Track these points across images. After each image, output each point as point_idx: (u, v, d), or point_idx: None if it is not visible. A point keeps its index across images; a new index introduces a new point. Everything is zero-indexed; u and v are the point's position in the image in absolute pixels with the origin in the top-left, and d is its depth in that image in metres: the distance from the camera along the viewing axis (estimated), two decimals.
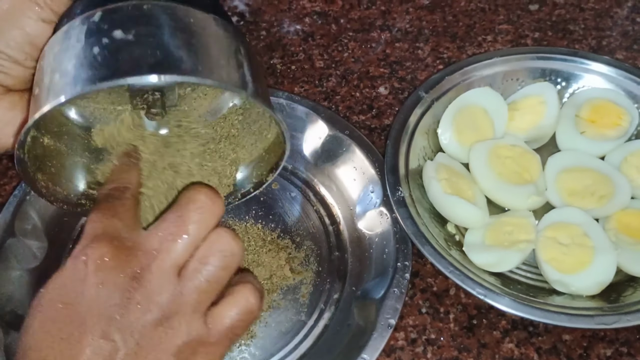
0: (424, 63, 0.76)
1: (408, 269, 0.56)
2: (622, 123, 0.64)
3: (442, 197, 0.59)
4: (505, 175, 0.61)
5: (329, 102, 0.73)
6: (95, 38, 0.34)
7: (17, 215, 0.61)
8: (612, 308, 0.52)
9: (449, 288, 0.58)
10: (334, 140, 0.66)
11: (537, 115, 0.66)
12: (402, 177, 0.60)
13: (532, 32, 0.79)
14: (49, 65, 0.36)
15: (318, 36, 0.81)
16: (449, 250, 0.57)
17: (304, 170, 0.68)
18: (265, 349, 0.55)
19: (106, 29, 0.35)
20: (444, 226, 0.61)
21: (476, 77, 0.69)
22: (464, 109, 0.66)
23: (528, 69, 0.69)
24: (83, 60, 0.34)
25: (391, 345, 0.54)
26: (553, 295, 0.56)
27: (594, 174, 0.61)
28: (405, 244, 0.58)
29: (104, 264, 0.34)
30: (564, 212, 0.59)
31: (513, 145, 0.63)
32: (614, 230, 0.58)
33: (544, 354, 0.54)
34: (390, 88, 0.74)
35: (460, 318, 0.56)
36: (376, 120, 0.71)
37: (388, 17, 0.82)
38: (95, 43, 0.34)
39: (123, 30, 0.34)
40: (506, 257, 0.56)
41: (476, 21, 0.81)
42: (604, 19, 0.80)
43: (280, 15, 0.83)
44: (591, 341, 0.54)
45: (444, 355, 0.54)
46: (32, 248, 0.60)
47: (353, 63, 0.77)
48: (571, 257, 0.56)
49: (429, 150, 0.66)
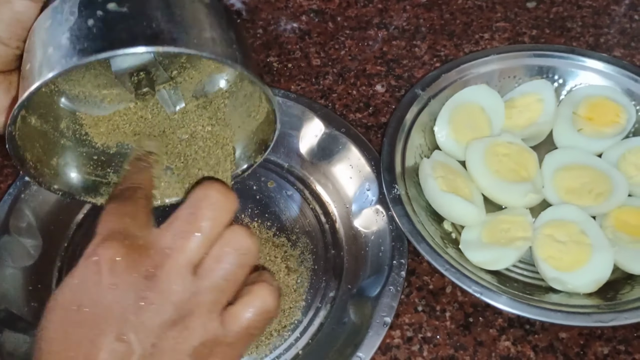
0: (421, 61, 0.76)
1: (404, 267, 0.56)
2: (620, 120, 0.63)
3: (439, 194, 0.59)
4: (502, 173, 0.61)
5: (326, 100, 0.72)
6: (89, 10, 0.34)
7: (11, 214, 0.61)
8: (609, 306, 0.52)
9: (445, 286, 0.58)
10: (330, 138, 0.66)
11: (534, 113, 0.65)
12: (398, 174, 0.60)
13: (530, 30, 0.79)
14: (41, 40, 0.36)
15: (315, 34, 0.80)
16: (445, 248, 0.56)
17: (300, 168, 0.67)
18: (260, 347, 0.55)
19: (100, 1, 0.35)
20: (441, 224, 0.61)
21: (473, 74, 0.68)
22: (460, 106, 0.66)
23: (525, 66, 0.69)
24: (78, 32, 0.34)
25: (387, 344, 0.54)
26: (550, 293, 0.55)
27: (592, 171, 0.61)
28: (401, 242, 0.57)
29: (117, 264, 0.33)
30: (561, 209, 0.59)
31: (510, 142, 0.63)
32: (611, 228, 0.57)
33: (540, 352, 0.53)
34: (387, 86, 0.74)
35: (457, 316, 0.56)
36: (373, 118, 0.70)
37: (385, 15, 0.82)
38: (90, 15, 0.34)
39: (117, 3, 0.34)
40: (503, 255, 0.56)
41: (473, 19, 0.81)
42: (602, 17, 0.79)
43: (277, 13, 0.83)
44: (588, 339, 0.54)
45: (440, 353, 0.54)
46: (26, 246, 0.60)
47: (350, 61, 0.77)
48: (568, 254, 0.55)
49: (426, 147, 0.65)
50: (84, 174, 0.47)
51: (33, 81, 0.34)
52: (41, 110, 0.43)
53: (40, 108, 0.43)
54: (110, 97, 0.46)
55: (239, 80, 0.47)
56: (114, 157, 0.49)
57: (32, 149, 0.42)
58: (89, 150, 0.47)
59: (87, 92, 0.45)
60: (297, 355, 0.55)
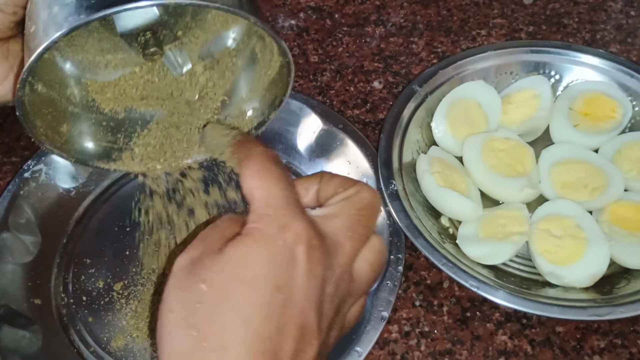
0: (418, 57, 0.76)
1: (401, 262, 0.56)
2: (616, 115, 0.64)
3: (436, 190, 0.59)
4: (499, 168, 0.61)
5: (323, 97, 0.73)
6: None
7: (11, 210, 0.61)
8: (605, 300, 0.53)
9: (442, 281, 0.58)
10: (328, 134, 0.66)
11: (530, 109, 0.66)
12: (395, 170, 0.60)
13: (527, 26, 0.79)
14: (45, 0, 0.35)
15: (312, 31, 0.81)
16: (443, 243, 0.57)
17: (298, 164, 0.67)
18: None
19: None
20: (438, 219, 0.61)
21: (470, 70, 0.69)
22: (457, 102, 0.66)
23: (522, 62, 0.69)
24: None
25: (385, 338, 0.54)
26: (546, 287, 0.56)
27: (588, 166, 0.61)
28: (398, 237, 0.58)
29: (314, 253, 0.33)
30: (557, 204, 0.59)
31: (507, 138, 0.63)
32: (607, 222, 0.58)
33: (537, 345, 0.54)
34: (385, 82, 0.74)
35: (454, 311, 0.56)
36: (370, 114, 0.71)
37: (382, 11, 0.82)
38: None
39: None
40: (499, 249, 0.56)
41: (470, 15, 0.81)
42: (598, 13, 0.80)
43: (274, 11, 0.83)
44: (585, 333, 0.54)
45: (437, 347, 0.54)
46: (26, 242, 0.60)
47: (347, 58, 0.77)
48: (564, 249, 0.56)
49: (423, 143, 0.66)
50: (95, 140, 0.47)
51: (40, 42, 0.33)
52: (47, 77, 0.42)
53: (45, 75, 0.42)
54: (115, 62, 0.45)
55: (247, 37, 0.46)
56: (123, 122, 0.48)
57: (42, 115, 0.42)
58: (97, 117, 0.46)
59: (90, 57, 0.44)
60: None
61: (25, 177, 0.62)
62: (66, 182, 0.65)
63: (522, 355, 0.53)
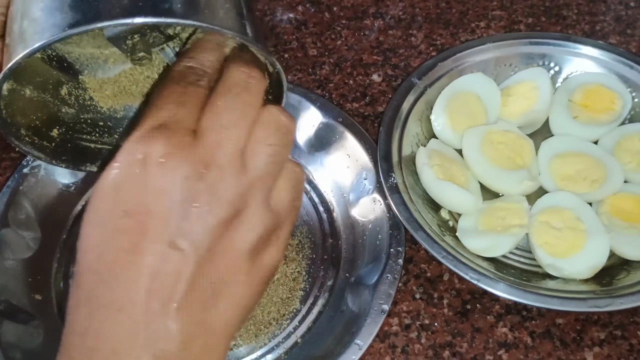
0: (417, 50, 0.76)
1: (401, 255, 0.56)
2: (615, 107, 0.64)
3: (435, 183, 0.59)
4: (498, 161, 0.61)
5: (322, 90, 0.73)
6: None
7: (10, 206, 0.61)
8: (605, 291, 0.53)
9: (442, 273, 0.58)
10: (327, 127, 0.66)
11: (530, 101, 0.66)
12: (395, 163, 0.60)
13: (526, 18, 0.79)
14: (18, 10, 0.32)
15: (311, 24, 0.80)
16: (443, 235, 0.57)
17: (297, 157, 0.67)
18: (259, 335, 0.56)
19: None
20: (438, 212, 0.61)
21: (469, 63, 0.68)
22: (456, 95, 0.66)
23: (521, 54, 0.69)
24: (51, 3, 0.30)
25: (385, 331, 0.55)
26: (546, 279, 0.56)
27: (587, 158, 0.61)
28: (398, 230, 0.58)
29: (165, 165, 0.29)
30: (557, 196, 0.59)
31: (506, 130, 0.63)
32: (606, 214, 0.58)
33: (537, 337, 0.54)
34: (384, 75, 0.74)
35: (454, 303, 0.56)
36: (369, 107, 0.71)
37: (381, 4, 0.82)
38: None
39: None
40: (499, 242, 0.56)
41: (469, 7, 0.80)
42: (597, 4, 0.79)
43: (273, 4, 0.83)
44: (585, 325, 0.54)
45: (437, 340, 0.54)
46: (25, 238, 0.60)
47: (346, 51, 0.77)
48: (564, 241, 0.56)
49: (422, 136, 0.65)
50: (89, 143, 0.45)
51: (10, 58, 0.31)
52: (38, 79, 0.40)
53: (36, 76, 0.40)
54: (114, 57, 0.43)
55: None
56: (121, 121, 0.47)
57: (29, 122, 0.39)
58: (94, 117, 0.44)
59: (87, 53, 0.42)
60: (296, 343, 0.55)
61: (24, 172, 0.62)
62: (65, 177, 0.65)
63: (522, 347, 0.53)
